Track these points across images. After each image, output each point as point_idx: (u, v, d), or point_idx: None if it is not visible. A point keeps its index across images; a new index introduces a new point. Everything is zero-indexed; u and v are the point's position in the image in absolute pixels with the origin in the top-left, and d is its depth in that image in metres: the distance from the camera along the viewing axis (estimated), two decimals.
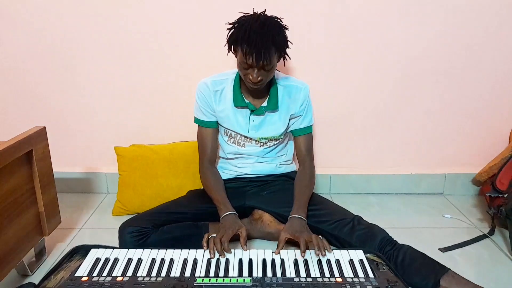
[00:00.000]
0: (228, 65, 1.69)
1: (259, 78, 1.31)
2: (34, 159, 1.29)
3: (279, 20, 1.33)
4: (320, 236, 1.26)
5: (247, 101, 1.48)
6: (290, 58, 1.40)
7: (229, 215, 1.34)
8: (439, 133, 1.95)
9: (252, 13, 1.32)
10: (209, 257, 1.20)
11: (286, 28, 1.34)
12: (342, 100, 1.88)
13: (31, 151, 1.28)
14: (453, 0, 1.72)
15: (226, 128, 1.53)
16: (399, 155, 1.99)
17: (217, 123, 1.54)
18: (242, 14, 1.32)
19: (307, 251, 1.23)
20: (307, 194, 1.45)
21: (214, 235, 1.25)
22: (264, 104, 1.48)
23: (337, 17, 1.74)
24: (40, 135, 1.33)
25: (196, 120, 1.54)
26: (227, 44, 1.35)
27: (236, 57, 1.34)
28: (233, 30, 1.31)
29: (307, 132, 1.55)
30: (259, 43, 1.23)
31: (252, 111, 1.48)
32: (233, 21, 1.32)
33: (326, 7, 1.73)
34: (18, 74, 1.84)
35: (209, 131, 1.52)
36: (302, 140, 1.55)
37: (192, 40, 1.77)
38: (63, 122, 1.91)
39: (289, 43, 1.35)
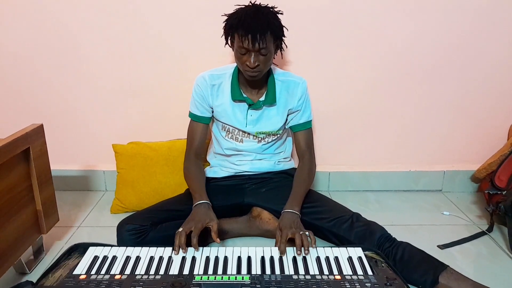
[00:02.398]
0: (227, 61, 1.69)
1: (256, 64, 1.32)
2: (31, 157, 1.28)
3: (273, 9, 1.36)
4: (306, 233, 1.24)
5: (245, 95, 1.48)
6: (286, 47, 1.42)
7: (202, 204, 1.32)
8: (438, 130, 1.95)
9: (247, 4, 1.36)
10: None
11: (281, 13, 1.37)
12: (341, 98, 1.88)
13: (29, 148, 1.27)
14: None
15: (224, 123, 1.53)
16: (397, 152, 1.99)
17: (209, 119, 1.54)
18: (238, 7, 1.36)
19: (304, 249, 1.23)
20: (303, 189, 1.45)
21: (181, 230, 1.23)
22: (262, 98, 1.48)
23: (336, 14, 1.74)
24: (38, 132, 1.32)
25: (190, 114, 1.55)
26: (224, 34, 1.37)
27: (233, 48, 1.37)
28: (228, 18, 1.35)
29: (307, 127, 1.55)
30: (254, 25, 1.27)
31: (250, 106, 1.47)
32: (229, 13, 1.36)
33: (325, 3, 1.72)
34: (16, 71, 1.83)
35: (199, 126, 1.53)
36: (302, 135, 1.55)
37: (190, 37, 1.77)
38: (61, 120, 1.90)
39: (284, 29, 1.38)
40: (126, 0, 1.71)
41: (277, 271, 1.13)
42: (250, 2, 1.36)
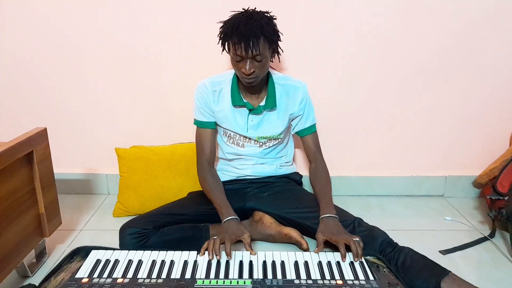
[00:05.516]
0: (227, 66, 1.69)
1: (252, 70, 1.32)
2: (34, 160, 1.29)
3: (267, 14, 1.36)
4: (357, 238, 1.24)
5: (245, 100, 1.48)
6: (282, 51, 1.43)
7: (232, 220, 1.33)
8: (440, 135, 1.95)
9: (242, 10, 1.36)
10: (209, 259, 1.20)
11: (275, 18, 1.37)
12: (343, 102, 1.88)
13: (32, 152, 1.28)
14: (455, 3, 1.72)
15: (225, 129, 1.53)
16: (399, 157, 1.99)
17: (215, 124, 1.54)
18: (233, 13, 1.36)
19: (308, 253, 1.23)
20: (329, 190, 1.47)
21: (215, 237, 1.25)
22: (262, 103, 1.49)
23: (339, 17, 1.74)
24: (41, 136, 1.33)
25: (195, 122, 1.55)
26: (220, 42, 1.37)
27: (230, 55, 1.37)
28: (223, 26, 1.35)
29: (313, 130, 1.56)
30: (247, 33, 1.27)
31: (250, 111, 1.48)
32: (225, 20, 1.36)
33: (329, 7, 1.73)
34: (19, 75, 1.84)
35: (207, 132, 1.53)
36: (310, 139, 1.56)
37: (193, 41, 1.78)
38: (64, 123, 1.91)
39: (279, 34, 1.38)
40: (129, 6, 1.73)
41: (279, 276, 1.13)
42: (243, 8, 1.36)
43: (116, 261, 1.19)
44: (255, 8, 1.36)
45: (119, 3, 1.72)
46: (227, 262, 1.19)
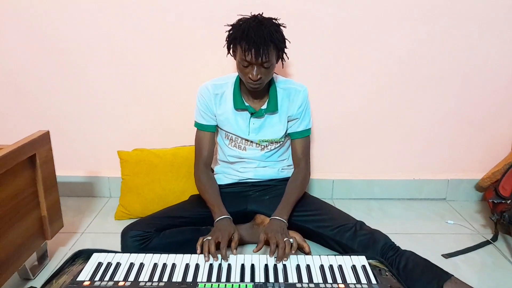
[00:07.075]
0: (230, 70, 1.70)
1: (259, 76, 1.32)
2: (37, 163, 1.30)
3: (275, 21, 1.36)
4: (291, 240, 1.24)
5: (247, 104, 1.48)
6: (288, 58, 1.43)
7: (224, 219, 1.34)
8: (442, 138, 1.95)
9: (250, 15, 1.35)
10: (206, 261, 1.20)
11: (284, 26, 1.37)
12: (345, 105, 1.89)
13: (35, 155, 1.28)
14: (457, 5, 1.72)
15: (227, 132, 1.53)
16: (401, 160, 1.99)
17: (215, 127, 1.54)
18: (241, 17, 1.35)
19: (311, 256, 1.23)
20: (294, 197, 1.46)
21: (209, 238, 1.24)
22: (264, 106, 1.49)
23: (340, 21, 1.75)
24: (44, 139, 1.33)
25: (196, 124, 1.55)
26: (226, 45, 1.38)
27: (235, 58, 1.37)
28: (231, 30, 1.35)
29: (305, 135, 1.55)
30: (257, 39, 1.26)
31: (252, 114, 1.48)
32: (232, 23, 1.36)
33: (328, 11, 1.73)
34: (21, 78, 1.84)
35: (206, 135, 1.53)
36: (299, 143, 1.55)
37: (195, 44, 1.78)
38: (67, 126, 1.92)
39: (287, 42, 1.38)
40: (130, 9, 1.73)
41: (281, 279, 1.12)
42: (253, 14, 1.35)
43: (118, 264, 1.19)
44: (262, 13, 1.36)
45: (120, 6, 1.73)
46: (229, 265, 1.19)
